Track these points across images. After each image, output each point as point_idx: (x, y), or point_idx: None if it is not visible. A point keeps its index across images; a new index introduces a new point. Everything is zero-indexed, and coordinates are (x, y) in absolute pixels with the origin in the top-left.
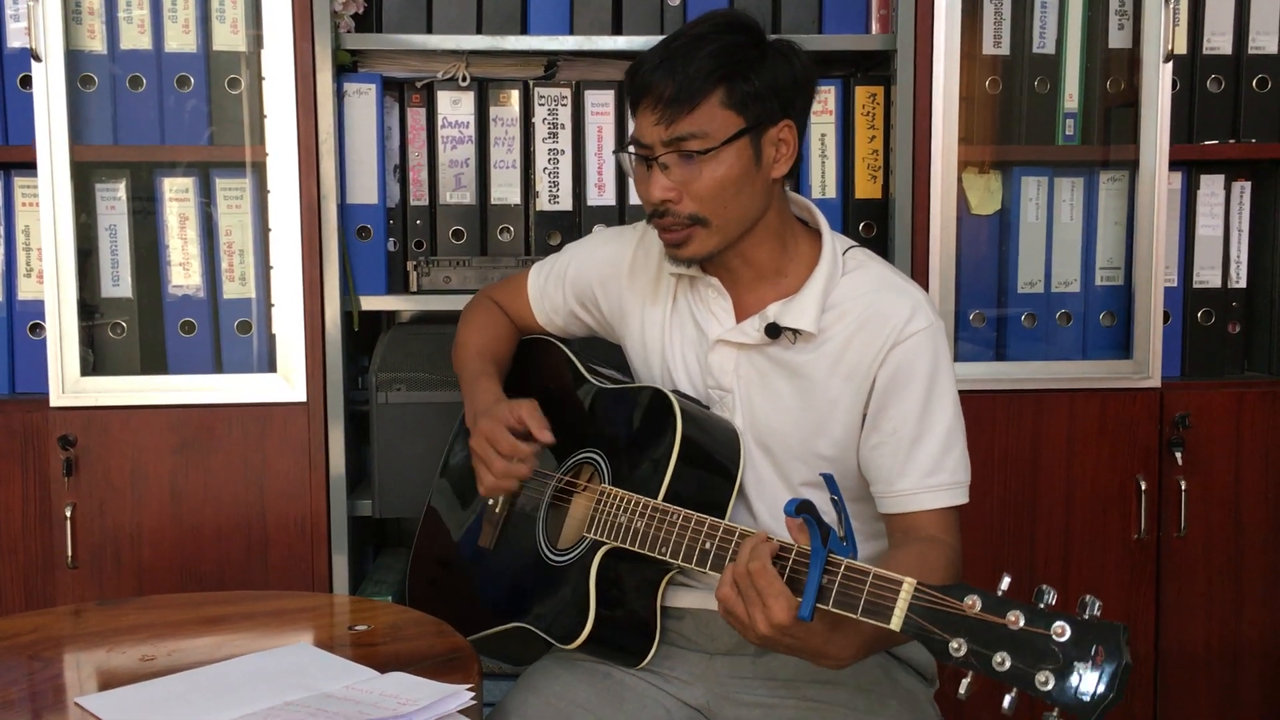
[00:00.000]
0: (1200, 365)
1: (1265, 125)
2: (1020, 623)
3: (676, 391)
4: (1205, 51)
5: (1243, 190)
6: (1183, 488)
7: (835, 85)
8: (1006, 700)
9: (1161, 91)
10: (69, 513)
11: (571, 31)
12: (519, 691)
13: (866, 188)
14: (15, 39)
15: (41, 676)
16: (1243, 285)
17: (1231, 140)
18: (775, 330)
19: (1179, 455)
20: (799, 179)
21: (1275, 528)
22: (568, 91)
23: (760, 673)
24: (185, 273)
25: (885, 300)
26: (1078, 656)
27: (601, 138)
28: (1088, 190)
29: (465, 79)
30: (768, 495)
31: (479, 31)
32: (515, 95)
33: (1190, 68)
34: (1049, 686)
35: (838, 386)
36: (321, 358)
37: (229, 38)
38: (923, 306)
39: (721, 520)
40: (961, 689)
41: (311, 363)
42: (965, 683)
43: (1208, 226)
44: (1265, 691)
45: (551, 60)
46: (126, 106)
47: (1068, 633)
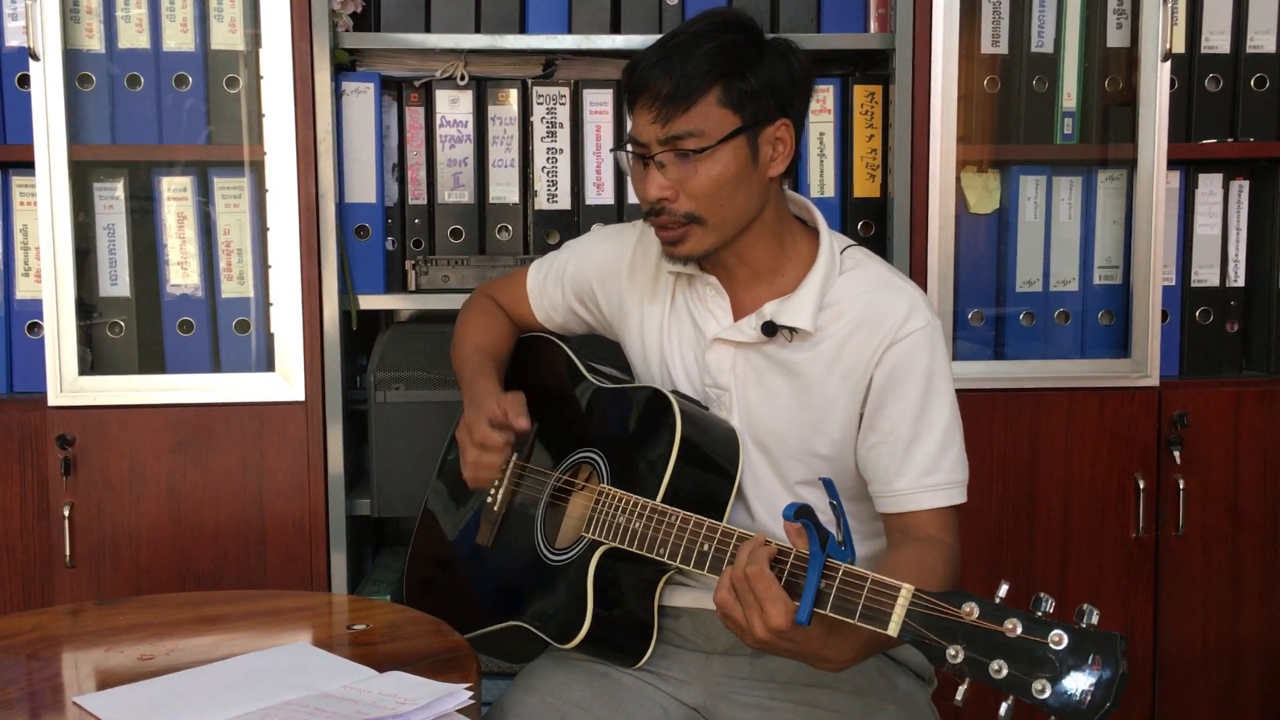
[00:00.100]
0: (1198, 364)
1: (1263, 124)
2: (1018, 630)
3: (676, 392)
4: (1203, 50)
5: (1241, 189)
6: (1181, 487)
7: (834, 84)
8: (1003, 708)
9: (1160, 90)
10: (67, 512)
11: (570, 30)
12: (516, 690)
13: (865, 187)
14: (13, 38)
15: (40, 676)
16: (1241, 284)
17: (1230, 139)
18: (772, 328)
19: (1177, 454)
20: (797, 178)
21: (1273, 526)
22: (566, 90)
23: (758, 674)
24: (183, 272)
25: (882, 299)
26: (1075, 665)
27: (600, 137)
28: (1086, 189)
29: (464, 78)
30: (765, 495)
31: (477, 30)
32: (514, 94)
33: (1188, 67)
34: (1046, 695)
35: (835, 385)
36: (320, 357)
37: (227, 37)
38: (920, 305)
39: (720, 522)
40: (958, 695)
41: (310, 362)
42: (962, 689)
43: (1206, 225)
44: (1263, 690)
45: (550, 59)
46: (124, 105)
47: (1065, 641)
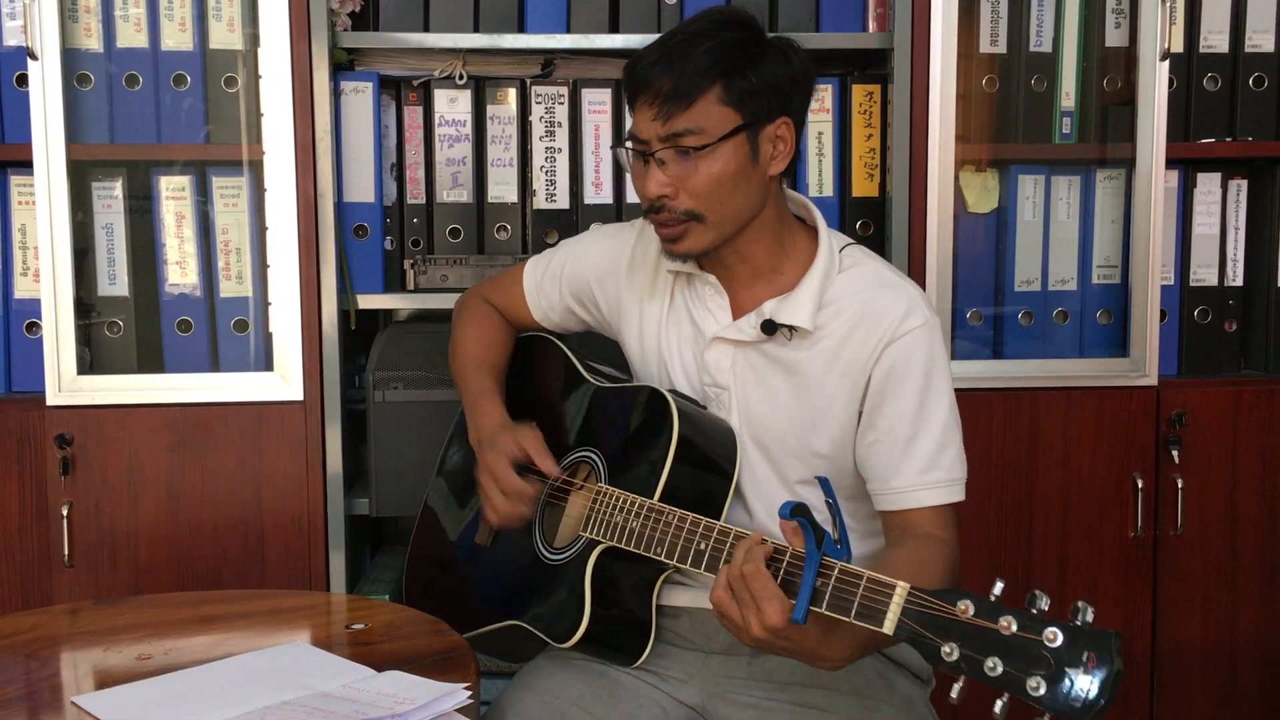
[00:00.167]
0: (1197, 363)
1: (1262, 123)
2: (1013, 628)
3: (674, 391)
4: (1202, 50)
5: (1239, 188)
6: (1179, 486)
7: (832, 84)
8: (998, 706)
9: (1158, 90)
10: (65, 512)
11: (568, 30)
12: (515, 690)
13: (863, 186)
14: (11, 37)
15: (38, 675)
16: (1239, 283)
17: (1228, 139)
18: (771, 327)
19: (1175, 453)
20: (796, 177)
21: (1271, 525)
22: (565, 90)
23: (756, 674)
24: (182, 271)
25: (881, 297)
26: (1069, 663)
27: (598, 136)
28: (1084, 188)
29: (462, 77)
30: (764, 493)
31: (476, 30)
32: (512, 93)
33: (1187, 66)
34: (1040, 692)
35: (834, 384)
36: (318, 356)
37: (225, 36)
38: (919, 303)
39: (716, 521)
40: (954, 693)
41: (308, 361)
42: (957, 687)
43: (1204, 225)
44: (1261, 688)
45: (548, 59)
46: (123, 105)
47: (1060, 639)
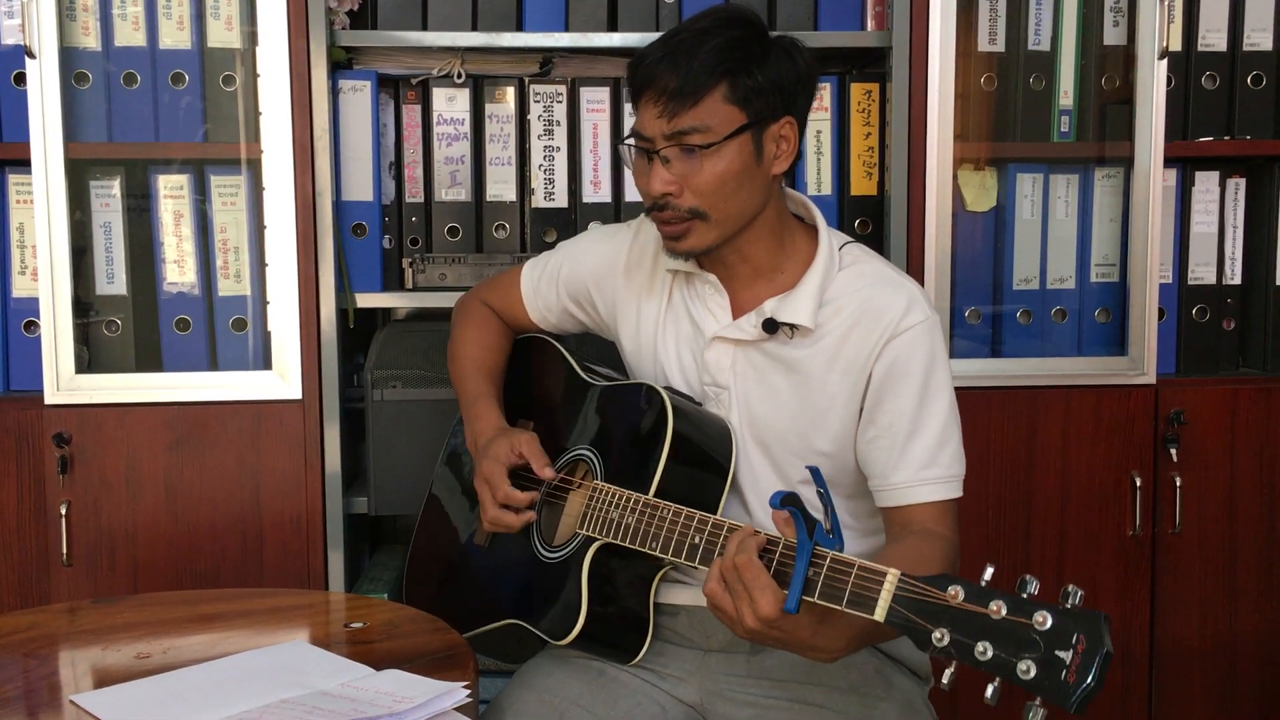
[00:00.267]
0: (1195, 362)
1: (1260, 122)
2: (1002, 612)
3: (669, 388)
4: (1200, 48)
5: (1237, 187)
6: (1178, 484)
7: (831, 82)
8: (989, 690)
9: (1157, 88)
10: (64, 510)
11: (567, 28)
12: (514, 688)
13: (862, 184)
14: (9, 36)
15: (37, 674)
16: (1238, 282)
17: (1226, 137)
18: (772, 325)
19: (1174, 451)
20: (795, 176)
21: (1270, 523)
22: (563, 88)
23: (755, 671)
24: (180, 270)
25: (881, 295)
26: (1059, 645)
27: (597, 135)
28: (1083, 187)
29: (460, 76)
30: (764, 491)
31: (474, 28)
32: (511, 92)
33: (1185, 64)
34: (1030, 675)
35: (835, 382)
36: (317, 355)
37: (223, 34)
38: (919, 301)
39: (710, 515)
40: (945, 678)
41: (307, 360)
42: (949, 673)
43: (1203, 223)
44: (1260, 686)
45: (547, 57)
46: (121, 103)
47: (1049, 622)
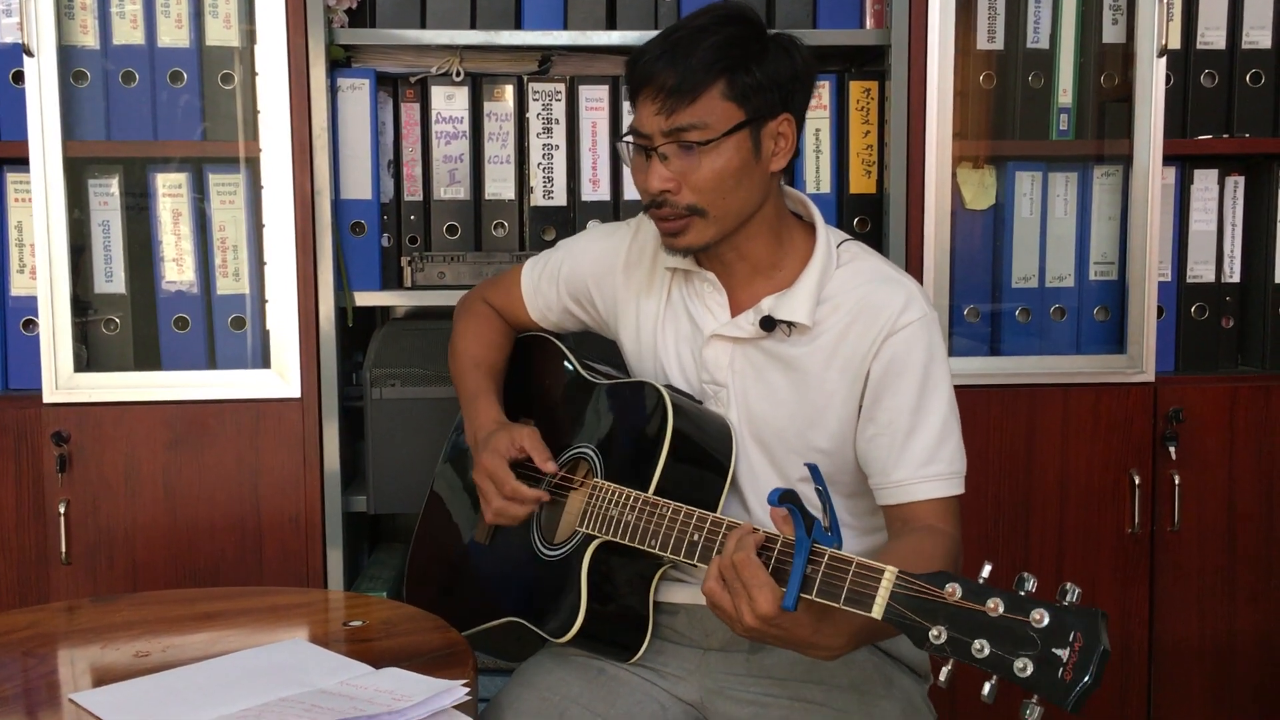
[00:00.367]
0: (1194, 360)
1: (1259, 120)
2: (1000, 610)
3: (669, 386)
4: (1199, 46)
5: (1236, 185)
6: (1176, 482)
7: (830, 80)
8: (986, 688)
9: (1155, 86)
10: (63, 509)
11: (566, 26)
12: (513, 686)
13: (861, 183)
14: (7, 34)
15: (36, 673)
16: (1236, 280)
17: (1225, 135)
18: (770, 323)
19: (1173, 449)
20: (794, 174)
21: (1268, 521)
22: (562, 86)
23: (754, 670)
24: (179, 268)
25: (879, 292)
26: (1056, 643)
27: (596, 133)
28: (1082, 185)
29: (459, 74)
30: (763, 489)
31: (473, 26)
32: (509, 90)
33: (1184, 62)
34: (1028, 673)
35: (833, 379)
36: (316, 353)
37: (222, 32)
38: (916, 297)
39: (710, 512)
40: (942, 676)
41: (306, 358)
42: (946, 670)
43: (1201, 221)
44: (1258, 683)
45: (546, 55)
46: (119, 102)
47: (1046, 619)
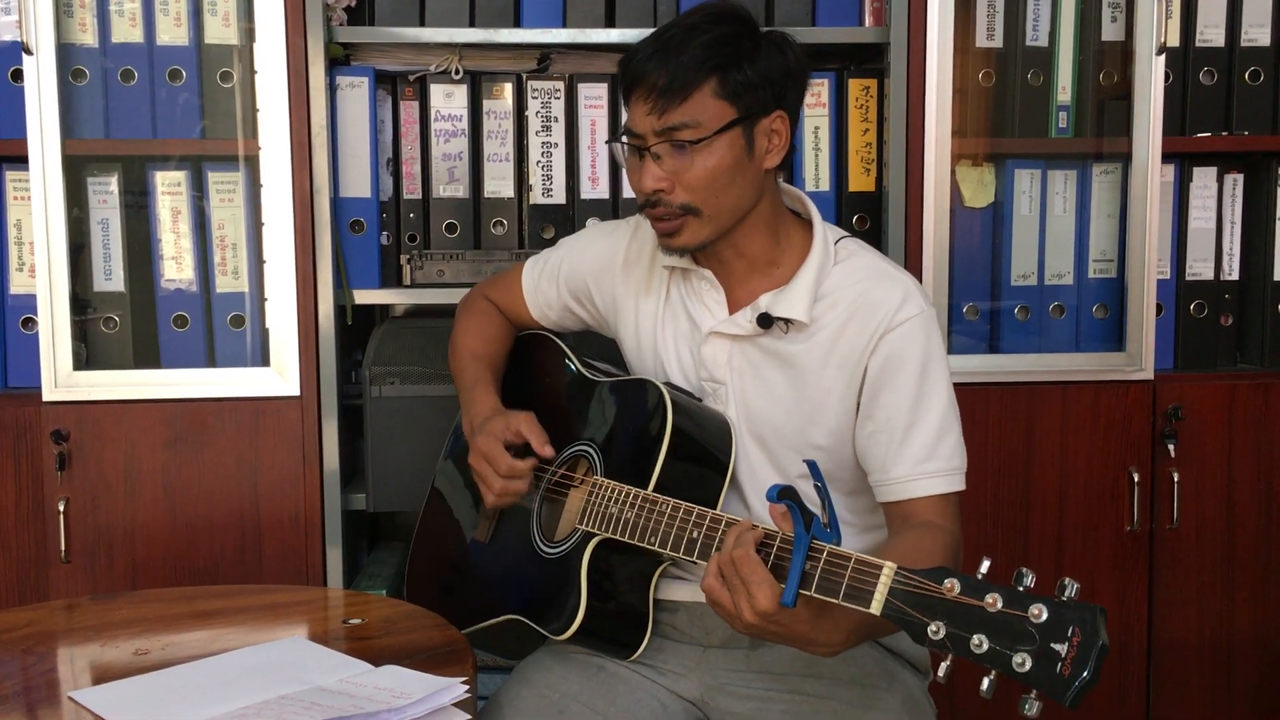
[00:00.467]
0: (1193, 357)
1: (1258, 117)
2: (998, 605)
3: (668, 383)
4: (1198, 44)
5: (1235, 183)
6: (1175, 479)
7: (829, 78)
8: (985, 683)
9: (1154, 84)
10: (62, 507)
11: (564, 24)
12: (513, 684)
13: (860, 181)
14: (6, 32)
15: (35, 671)
16: (1235, 277)
17: (1224, 133)
18: (767, 320)
19: (1172, 447)
20: (793, 172)
21: (1267, 519)
22: (561, 85)
23: (754, 666)
24: (178, 267)
25: (876, 288)
26: (1055, 638)
27: (595, 131)
28: (1081, 183)
29: (458, 72)
30: (761, 486)
31: (472, 24)
32: (508, 88)
33: (1183, 60)
34: (1026, 668)
35: (831, 376)
36: (315, 351)
37: (221, 31)
38: (914, 294)
39: (709, 509)
40: (940, 671)
41: (305, 357)
42: (944, 665)
43: (1200, 219)
44: (1257, 681)
45: (544, 53)
46: (118, 100)
47: (1045, 614)
